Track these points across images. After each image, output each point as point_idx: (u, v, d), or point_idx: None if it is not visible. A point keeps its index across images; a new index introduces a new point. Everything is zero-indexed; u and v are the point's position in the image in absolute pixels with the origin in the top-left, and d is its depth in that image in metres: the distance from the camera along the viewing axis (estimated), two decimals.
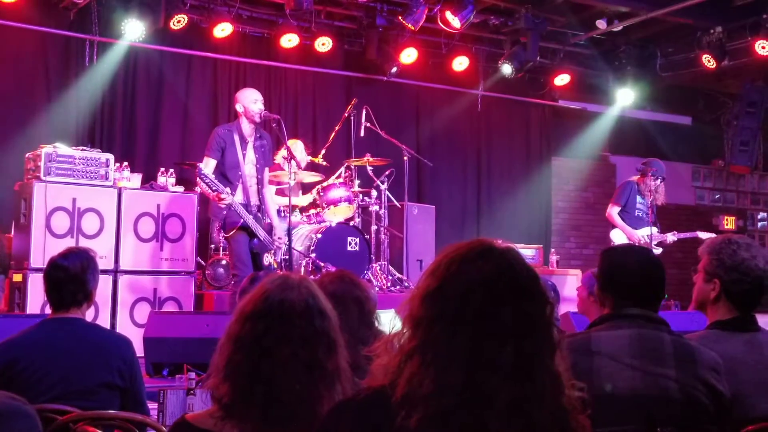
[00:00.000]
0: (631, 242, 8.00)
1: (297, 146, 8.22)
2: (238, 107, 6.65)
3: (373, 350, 1.68)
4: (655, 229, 8.19)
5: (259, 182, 6.65)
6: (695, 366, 2.37)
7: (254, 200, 6.59)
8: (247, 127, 6.60)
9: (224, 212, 6.39)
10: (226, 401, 1.95)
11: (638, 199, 8.22)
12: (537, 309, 1.55)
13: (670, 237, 8.33)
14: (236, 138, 6.53)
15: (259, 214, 6.59)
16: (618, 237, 8.22)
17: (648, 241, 8.08)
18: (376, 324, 3.11)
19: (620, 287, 2.54)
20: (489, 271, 1.54)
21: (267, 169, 6.80)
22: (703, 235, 8.55)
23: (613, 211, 8.24)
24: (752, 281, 2.75)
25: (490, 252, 1.58)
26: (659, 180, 8.16)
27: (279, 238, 6.64)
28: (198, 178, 6.28)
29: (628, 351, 2.37)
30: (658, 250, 8.22)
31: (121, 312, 6.66)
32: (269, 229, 6.61)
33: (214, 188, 6.18)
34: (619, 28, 10.16)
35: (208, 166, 6.43)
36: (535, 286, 1.57)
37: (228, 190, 6.25)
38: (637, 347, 2.38)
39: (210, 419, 1.97)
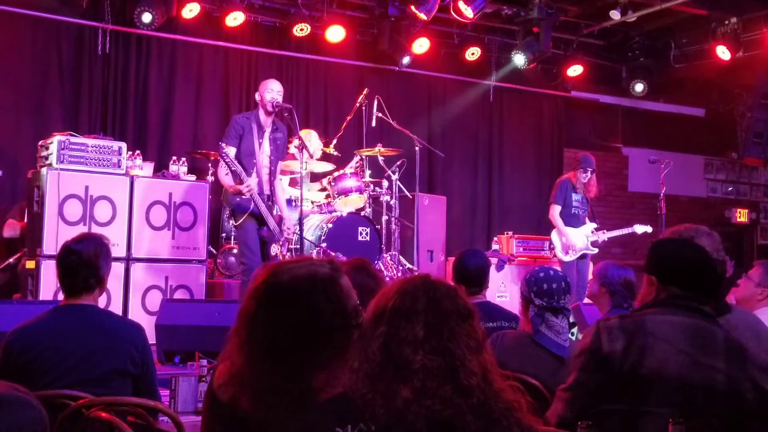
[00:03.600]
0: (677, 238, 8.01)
1: (311, 136, 8.23)
2: (257, 96, 6.70)
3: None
4: (594, 225, 8.28)
5: (272, 173, 6.66)
6: (745, 364, 2.44)
7: (266, 189, 6.60)
8: (264, 117, 6.61)
9: (237, 199, 6.39)
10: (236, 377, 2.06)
11: (574, 196, 8.24)
12: (447, 305, 1.92)
13: (602, 236, 8.27)
14: (254, 127, 6.54)
15: (270, 203, 6.61)
16: (557, 238, 8.21)
17: (584, 244, 8.13)
18: None
19: (677, 277, 2.60)
20: (409, 284, 1.96)
21: (280, 162, 6.81)
22: (640, 228, 8.53)
23: (555, 211, 8.24)
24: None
25: (414, 276, 2.02)
26: (589, 172, 8.17)
27: (288, 228, 6.64)
28: (221, 158, 6.36)
29: (681, 338, 2.45)
30: (594, 251, 8.23)
31: (132, 299, 6.69)
32: (279, 221, 6.62)
33: (233, 168, 6.26)
34: (633, 18, 10.09)
35: (228, 154, 6.45)
36: (450, 294, 1.95)
37: (249, 180, 6.30)
38: (691, 336, 2.46)
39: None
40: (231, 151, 6.45)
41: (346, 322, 1.97)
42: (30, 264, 6.43)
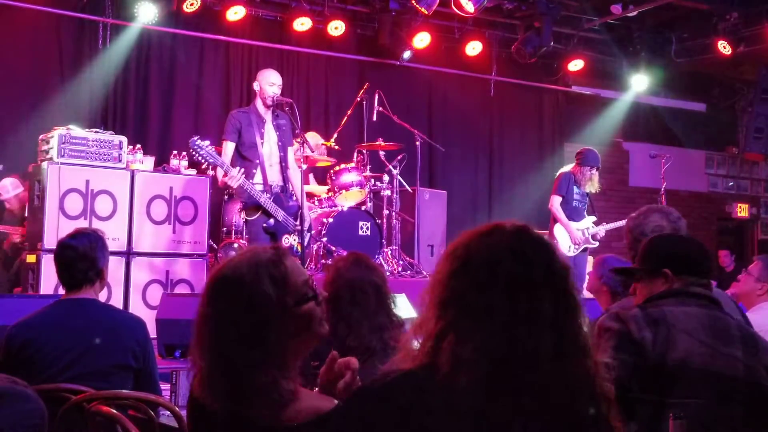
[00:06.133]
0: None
1: (315, 138, 8.24)
2: (255, 86, 6.63)
3: (400, 341, 1.70)
4: (593, 218, 8.28)
5: (283, 160, 6.56)
6: (758, 351, 2.50)
7: (276, 180, 6.48)
8: (262, 108, 6.57)
9: (248, 190, 6.33)
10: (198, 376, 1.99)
11: (575, 189, 8.21)
12: (562, 268, 1.60)
13: (602, 230, 8.26)
14: (253, 119, 6.49)
15: (282, 195, 6.53)
16: (559, 232, 8.20)
17: (584, 237, 8.13)
18: (394, 308, 3.10)
19: (688, 265, 2.67)
20: (511, 239, 1.60)
21: (291, 149, 6.68)
22: None
23: (556, 202, 8.21)
24: None
25: (504, 227, 1.65)
26: (594, 169, 8.16)
27: (304, 220, 6.51)
28: (191, 150, 6.06)
29: (700, 329, 2.49)
30: (594, 244, 8.22)
31: (133, 294, 6.69)
32: (296, 211, 6.48)
33: (210, 160, 6.06)
34: (634, 13, 10.08)
35: (227, 150, 6.40)
36: (554, 250, 1.63)
37: (241, 169, 6.20)
38: (709, 327, 2.50)
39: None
40: (230, 146, 6.40)
41: (300, 298, 1.94)
42: (31, 258, 6.43)
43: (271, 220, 6.38)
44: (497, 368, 1.50)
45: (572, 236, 8.10)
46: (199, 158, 6.10)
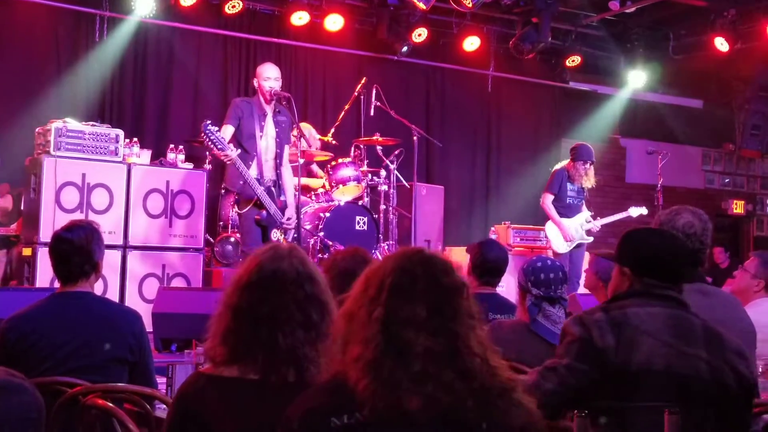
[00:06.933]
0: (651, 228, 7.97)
1: (311, 131, 8.22)
2: (255, 82, 6.62)
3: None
4: (588, 214, 8.26)
5: (278, 157, 6.53)
6: (723, 350, 2.45)
7: (270, 175, 6.46)
8: (263, 102, 6.55)
9: (240, 183, 6.31)
10: (220, 359, 2.11)
11: (569, 186, 8.19)
12: (447, 281, 1.82)
13: (597, 224, 8.25)
14: (254, 111, 6.46)
15: (273, 189, 6.53)
16: (551, 230, 8.19)
17: (578, 233, 8.12)
18: None
19: (652, 268, 2.58)
20: (405, 260, 1.84)
21: (287, 146, 6.68)
22: (635, 211, 8.53)
23: (547, 200, 8.20)
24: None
25: (408, 250, 1.90)
26: (588, 163, 8.14)
27: (288, 219, 6.54)
28: (203, 134, 6.08)
29: (663, 330, 2.44)
30: (588, 240, 8.23)
31: (129, 287, 6.70)
32: (283, 208, 6.50)
33: (219, 146, 6.04)
34: (632, 9, 10.09)
35: (226, 133, 6.35)
36: (447, 269, 1.84)
37: (238, 150, 6.15)
38: (672, 327, 2.46)
39: (216, 369, 2.13)
40: (229, 129, 6.32)
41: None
42: (27, 251, 6.43)
43: (264, 212, 6.37)
44: (377, 360, 1.75)
45: (564, 233, 8.11)
46: (209, 142, 6.06)
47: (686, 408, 2.08)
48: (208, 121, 6.11)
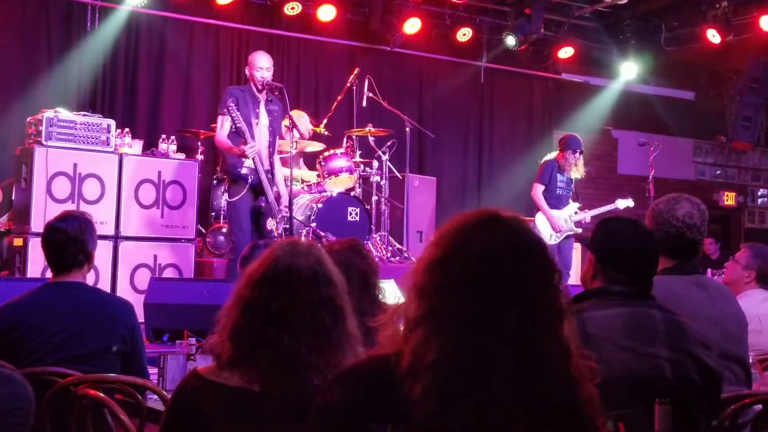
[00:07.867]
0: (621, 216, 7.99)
1: (303, 119, 8.18)
2: (246, 71, 6.61)
3: (379, 321, 1.65)
4: (577, 205, 8.29)
5: (271, 146, 6.54)
6: (686, 343, 2.37)
7: (265, 164, 6.48)
8: (256, 91, 6.53)
9: (239, 169, 6.30)
10: (225, 359, 1.99)
11: (559, 177, 8.22)
12: (541, 276, 1.51)
13: (587, 216, 8.27)
14: (248, 98, 6.43)
15: (268, 178, 6.51)
16: (541, 220, 8.21)
17: (567, 225, 8.15)
18: (380, 296, 3.13)
19: (615, 259, 2.50)
20: (493, 240, 1.50)
21: (278, 136, 6.70)
22: (622, 203, 8.55)
23: (537, 190, 8.22)
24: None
25: (495, 221, 1.54)
26: (578, 153, 8.17)
27: (283, 208, 6.55)
28: (228, 113, 6.16)
29: (621, 332, 2.35)
30: (577, 231, 8.25)
31: (121, 278, 6.69)
32: (277, 197, 6.52)
33: (239, 124, 6.11)
34: (624, 1, 10.08)
35: (224, 126, 6.35)
36: (540, 254, 1.53)
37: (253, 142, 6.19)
38: (630, 327, 2.36)
39: (217, 373, 2.01)
40: (226, 119, 6.32)
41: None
42: (18, 241, 6.41)
43: (263, 198, 6.38)
44: (454, 377, 1.43)
45: (553, 224, 8.13)
46: (232, 121, 6.18)
47: (651, 410, 2.02)
48: (233, 104, 6.16)
